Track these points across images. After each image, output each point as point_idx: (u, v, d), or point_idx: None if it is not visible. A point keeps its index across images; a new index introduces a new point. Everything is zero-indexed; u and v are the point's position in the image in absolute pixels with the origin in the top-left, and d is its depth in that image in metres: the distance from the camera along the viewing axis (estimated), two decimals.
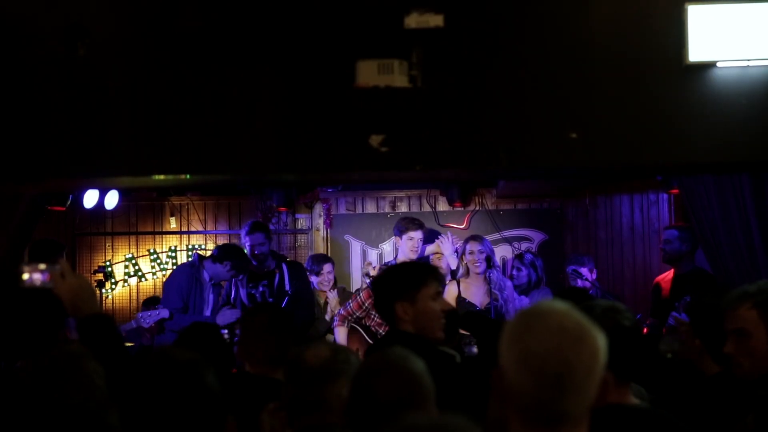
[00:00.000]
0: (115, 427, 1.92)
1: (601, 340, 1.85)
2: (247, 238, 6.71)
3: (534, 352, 1.80)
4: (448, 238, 6.75)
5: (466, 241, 6.68)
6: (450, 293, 6.28)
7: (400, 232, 6.63)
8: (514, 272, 6.89)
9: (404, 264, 3.86)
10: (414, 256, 6.55)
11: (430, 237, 6.90)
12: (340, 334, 6.11)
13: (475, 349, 4.76)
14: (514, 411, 1.83)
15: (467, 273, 6.52)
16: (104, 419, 1.92)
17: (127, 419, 1.93)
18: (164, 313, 6.37)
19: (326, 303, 6.96)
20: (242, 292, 6.68)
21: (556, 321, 1.83)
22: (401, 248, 6.64)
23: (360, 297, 6.19)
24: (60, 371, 2.50)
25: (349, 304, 6.22)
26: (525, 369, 1.81)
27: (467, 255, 6.54)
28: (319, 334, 6.72)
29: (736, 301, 2.84)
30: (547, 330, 1.82)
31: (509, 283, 6.65)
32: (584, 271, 6.84)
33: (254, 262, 6.69)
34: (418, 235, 6.57)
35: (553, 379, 1.78)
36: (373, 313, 6.04)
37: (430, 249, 6.79)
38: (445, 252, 6.66)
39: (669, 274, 6.56)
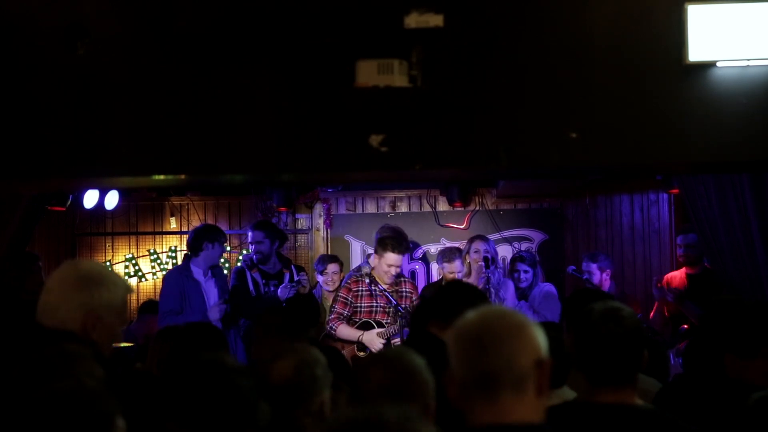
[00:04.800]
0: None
1: (534, 327, 2.02)
2: (248, 236, 6.84)
3: (462, 327, 2.04)
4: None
5: (472, 240, 6.71)
6: None
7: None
8: (522, 275, 6.87)
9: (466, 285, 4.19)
10: (388, 281, 6.12)
11: (449, 256, 6.67)
12: (344, 329, 6.08)
13: None
14: (457, 393, 1.99)
15: (469, 272, 6.55)
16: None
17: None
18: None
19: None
20: (261, 287, 6.72)
21: (487, 306, 2.09)
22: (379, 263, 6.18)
23: (341, 296, 6.17)
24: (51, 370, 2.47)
25: (335, 306, 6.19)
26: (455, 343, 2.02)
27: (472, 254, 6.58)
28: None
29: None
30: (476, 312, 2.06)
31: (511, 285, 6.66)
32: (593, 267, 6.86)
33: (255, 258, 6.74)
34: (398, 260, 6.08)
35: (475, 341, 1.99)
36: (357, 304, 6.09)
37: (449, 268, 6.57)
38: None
39: (679, 273, 6.62)
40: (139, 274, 8.58)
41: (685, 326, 6.27)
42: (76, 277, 2.84)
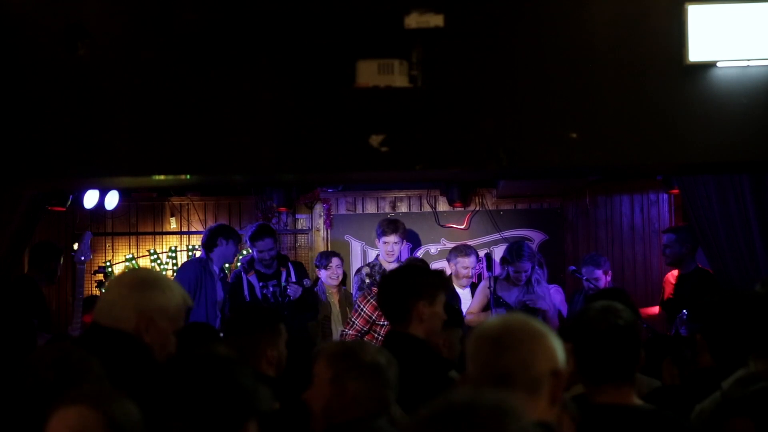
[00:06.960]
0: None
1: (555, 338, 2.06)
2: (255, 245, 6.72)
3: (483, 329, 2.09)
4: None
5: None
6: (483, 289, 6.51)
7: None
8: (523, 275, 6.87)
9: (422, 267, 4.25)
10: (391, 259, 6.72)
11: (464, 250, 6.86)
12: None
13: None
14: None
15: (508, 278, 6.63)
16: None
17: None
18: None
19: (339, 306, 6.92)
20: (257, 290, 6.70)
21: (509, 315, 2.08)
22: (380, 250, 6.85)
23: (365, 311, 6.04)
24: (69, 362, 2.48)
25: (355, 321, 6.09)
26: (474, 343, 2.06)
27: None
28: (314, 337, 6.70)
29: None
30: (500, 317, 2.18)
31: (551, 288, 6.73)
32: (599, 273, 6.83)
33: (266, 262, 6.73)
34: (392, 239, 6.73)
35: (494, 342, 2.04)
36: (380, 322, 6.00)
37: (463, 263, 6.77)
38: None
39: (676, 273, 6.62)
40: None
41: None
42: (133, 278, 2.94)
